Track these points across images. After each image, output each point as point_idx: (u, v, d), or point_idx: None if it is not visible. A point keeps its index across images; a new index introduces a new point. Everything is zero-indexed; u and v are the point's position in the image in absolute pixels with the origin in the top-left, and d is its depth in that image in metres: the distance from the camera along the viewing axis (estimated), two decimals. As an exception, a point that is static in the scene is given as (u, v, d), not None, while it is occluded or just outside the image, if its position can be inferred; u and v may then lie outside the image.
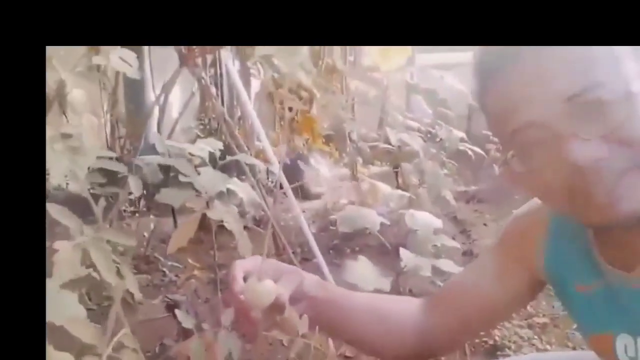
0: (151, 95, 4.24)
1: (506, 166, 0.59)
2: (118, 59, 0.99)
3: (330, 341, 0.85)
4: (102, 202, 0.76)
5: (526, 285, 0.75)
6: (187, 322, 0.67)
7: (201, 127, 4.67)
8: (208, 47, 2.10)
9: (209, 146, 1.58)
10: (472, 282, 0.78)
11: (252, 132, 2.75)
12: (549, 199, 0.63)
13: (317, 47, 6.02)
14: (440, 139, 3.50)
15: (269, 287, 0.65)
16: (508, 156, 0.59)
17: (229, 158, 1.57)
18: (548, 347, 2.00)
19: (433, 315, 0.78)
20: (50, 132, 0.79)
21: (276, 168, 2.22)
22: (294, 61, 5.11)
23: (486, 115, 0.63)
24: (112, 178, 1.42)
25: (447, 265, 1.69)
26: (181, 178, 1.44)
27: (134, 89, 4.05)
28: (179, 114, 4.31)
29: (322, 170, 4.58)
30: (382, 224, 1.71)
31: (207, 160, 1.53)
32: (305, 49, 5.54)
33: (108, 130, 4.77)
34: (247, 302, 0.64)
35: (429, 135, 3.31)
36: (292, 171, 4.59)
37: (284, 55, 4.84)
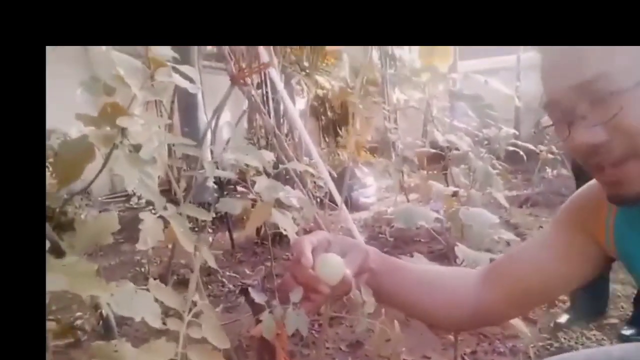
0: (203, 117, 4.49)
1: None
2: (179, 75, 1.05)
3: (397, 323, 0.86)
4: (183, 183, 0.82)
5: (592, 259, 0.74)
6: (260, 298, 0.72)
7: (251, 144, 4.86)
8: (257, 66, 2.22)
9: (262, 157, 1.67)
10: (535, 255, 0.77)
11: (300, 145, 2.84)
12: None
13: (357, 62, 6.13)
14: (488, 142, 3.43)
15: (339, 262, 0.65)
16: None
17: (281, 166, 1.65)
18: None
19: (491, 287, 0.78)
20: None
21: (325, 180, 2.28)
22: (337, 76, 5.21)
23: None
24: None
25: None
26: (239, 188, 1.54)
27: (188, 112, 4.31)
28: (231, 132, 4.53)
29: (368, 181, 4.63)
30: (437, 220, 1.71)
31: (261, 170, 1.62)
32: (346, 64, 5.66)
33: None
34: (316, 277, 0.64)
35: (476, 139, 3.26)
36: (339, 184, 4.66)
37: (327, 71, 4.95)
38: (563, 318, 2.07)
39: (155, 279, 0.70)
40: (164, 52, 1.11)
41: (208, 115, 4.37)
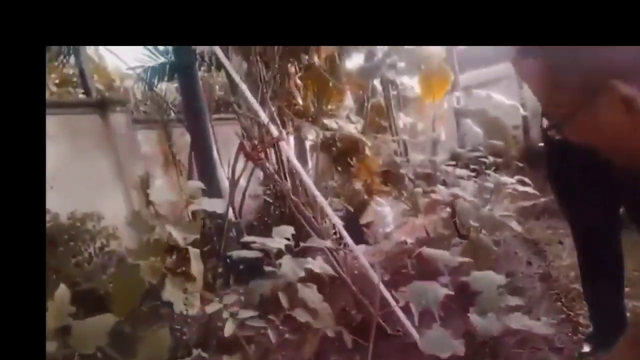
0: (221, 172, 4.68)
1: None
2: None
3: None
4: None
5: None
6: None
7: (268, 192, 5.04)
8: (269, 139, 2.37)
9: (284, 234, 1.84)
10: None
11: (314, 199, 2.98)
12: None
13: (360, 91, 6.29)
14: (496, 168, 3.52)
15: None
16: None
17: (302, 244, 1.83)
18: None
19: None
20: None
21: (338, 229, 2.40)
22: (342, 116, 5.38)
23: None
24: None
25: (516, 320, 1.72)
26: (266, 268, 1.70)
27: (205, 169, 4.51)
28: (247, 183, 4.71)
29: (385, 211, 4.74)
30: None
31: (283, 249, 1.79)
32: (350, 101, 5.83)
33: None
34: None
35: (483, 166, 3.35)
36: (356, 218, 4.79)
37: (332, 115, 5.13)
38: (587, 347, 2.13)
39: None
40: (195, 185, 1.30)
41: (224, 166, 4.56)
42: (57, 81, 5.95)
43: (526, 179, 3.57)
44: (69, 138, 4.29)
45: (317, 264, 1.87)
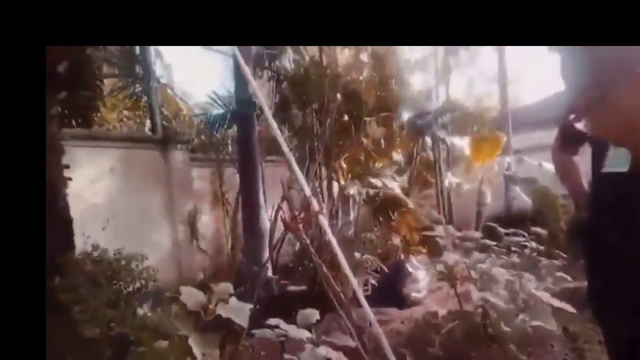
0: (264, 214, 4.88)
1: None
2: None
3: None
4: None
5: None
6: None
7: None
8: (308, 214, 2.50)
9: (309, 320, 1.92)
10: None
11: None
12: None
13: (411, 144, 6.30)
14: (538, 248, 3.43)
15: None
16: None
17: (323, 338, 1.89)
18: None
19: None
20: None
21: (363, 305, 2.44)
22: (386, 174, 5.46)
23: None
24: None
25: None
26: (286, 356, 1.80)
27: (251, 210, 4.72)
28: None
29: (420, 275, 4.71)
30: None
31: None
32: (399, 156, 5.89)
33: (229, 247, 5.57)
34: None
35: (526, 249, 3.27)
36: (392, 278, 4.78)
37: (377, 174, 5.22)
38: None
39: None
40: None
41: (268, 208, 4.75)
42: (125, 114, 6.44)
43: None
44: (131, 171, 4.66)
45: (335, 356, 1.91)
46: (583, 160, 1.66)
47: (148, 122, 5.88)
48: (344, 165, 4.84)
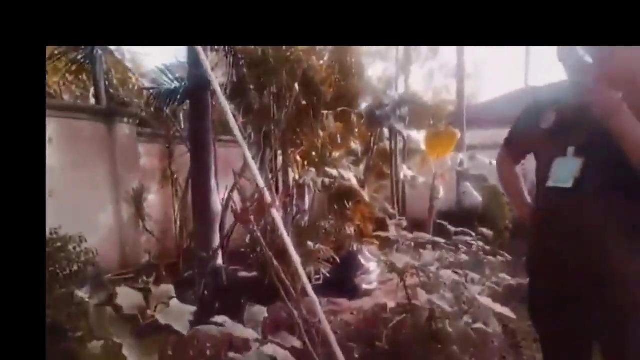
0: (215, 197, 4.68)
1: None
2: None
3: None
4: None
5: None
6: None
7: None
8: (259, 206, 2.39)
9: (257, 317, 1.82)
10: None
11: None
12: None
13: (368, 134, 6.31)
14: (484, 248, 3.52)
15: None
16: None
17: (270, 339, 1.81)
18: None
19: None
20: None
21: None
22: (343, 165, 5.40)
23: None
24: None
25: None
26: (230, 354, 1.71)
27: (201, 192, 4.51)
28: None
29: (371, 266, 4.74)
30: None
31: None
32: (355, 145, 5.86)
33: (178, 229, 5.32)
34: None
35: (479, 257, 3.33)
36: (344, 268, 4.77)
37: (334, 165, 5.16)
38: None
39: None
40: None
41: (220, 191, 4.55)
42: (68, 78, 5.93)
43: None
44: (71, 143, 4.30)
45: (282, 355, 1.85)
46: (530, 171, 1.66)
47: (92, 90, 5.48)
48: (299, 158, 4.74)
